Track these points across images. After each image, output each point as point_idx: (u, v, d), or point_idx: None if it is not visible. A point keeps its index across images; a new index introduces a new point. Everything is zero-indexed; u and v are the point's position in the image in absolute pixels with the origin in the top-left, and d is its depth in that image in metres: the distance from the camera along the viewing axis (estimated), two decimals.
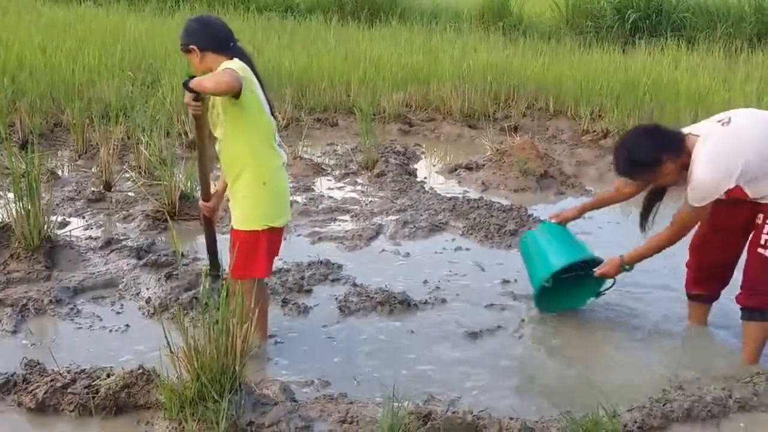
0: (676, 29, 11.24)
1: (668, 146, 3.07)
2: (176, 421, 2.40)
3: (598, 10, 11.62)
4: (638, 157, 3.11)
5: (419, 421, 2.45)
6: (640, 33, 11.11)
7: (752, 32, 10.87)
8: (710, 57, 9.47)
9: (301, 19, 11.75)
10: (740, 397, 2.84)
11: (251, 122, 2.85)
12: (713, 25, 11.02)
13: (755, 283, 3.12)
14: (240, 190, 2.92)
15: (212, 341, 2.37)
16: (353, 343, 3.32)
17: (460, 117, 7.71)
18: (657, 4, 11.42)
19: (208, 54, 2.86)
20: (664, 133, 3.14)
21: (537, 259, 3.63)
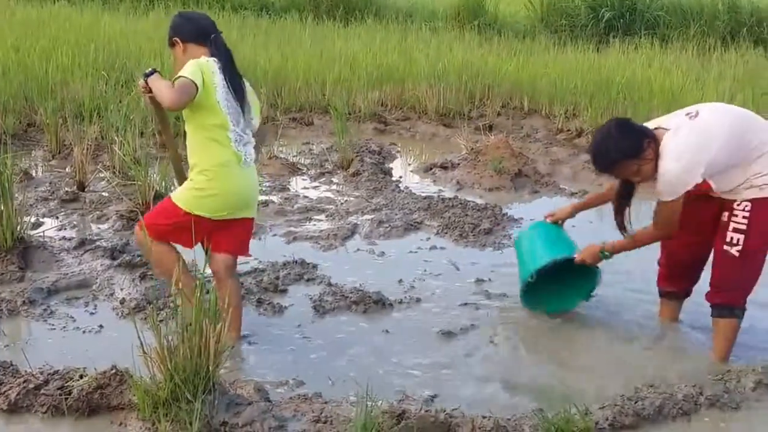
0: (650, 28, 11.36)
1: (647, 132, 3.07)
2: (149, 421, 2.40)
3: (573, 9, 11.70)
4: (622, 147, 3.05)
5: (393, 420, 2.46)
6: (615, 32, 11.22)
7: (725, 31, 11.03)
8: (684, 55, 9.58)
9: (276, 18, 11.70)
10: (711, 394, 2.88)
11: (201, 119, 2.96)
12: (687, 24, 11.15)
13: (723, 280, 3.16)
14: (191, 177, 3.06)
15: (185, 341, 2.37)
16: (328, 342, 3.32)
17: (436, 116, 7.74)
18: (631, 2, 11.53)
19: (189, 45, 3.02)
20: (640, 127, 3.13)
21: (527, 257, 3.64)
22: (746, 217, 3.04)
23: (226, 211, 3.05)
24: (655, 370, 3.17)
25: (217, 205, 3.02)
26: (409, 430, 2.44)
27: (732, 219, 3.07)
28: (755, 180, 3.01)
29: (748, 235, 3.04)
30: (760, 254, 3.13)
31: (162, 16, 10.52)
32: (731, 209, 3.08)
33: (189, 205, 3.01)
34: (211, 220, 3.04)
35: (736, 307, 3.18)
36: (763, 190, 3.01)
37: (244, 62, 8.01)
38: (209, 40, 3.02)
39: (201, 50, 3.00)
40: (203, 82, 2.88)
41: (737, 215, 3.05)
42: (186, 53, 3.01)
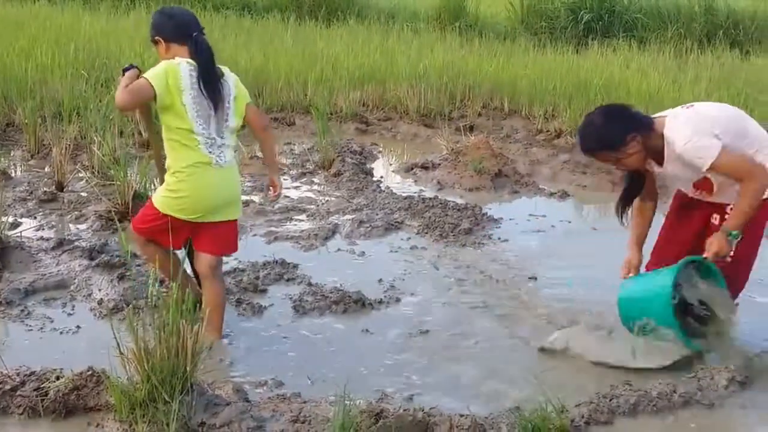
0: (628, 30, 11.50)
1: (637, 125, 3.00)
2: (127, 422, 2.39)
3: (553, 11, 11.82)
4: (605, 135, 3.02)
5: (371, 419, 2.47)
6: (593, 33, 11.35)
7: (702, 33, 11.18)
8: (661, 57, 9.70)
9: (259, 17, 11.67)
10: (684, 391, 2.90)
11: (168, 121, 2.98)
12: (664, 26, 11.30)
13: None
14: (165, 178, 3.09)
15: (162, 342, 2.36)
16: (307, 342, 3.33)
17: (417, 116, 7.77)
18: (610, 5, 11.67)
19: (172, 45, 2.99)
20: (632, 114, 3.07)
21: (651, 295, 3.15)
22: None
23: (200, 213, 3.05)
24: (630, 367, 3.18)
25: (189, 207, 3.02)
26: (387, 430, 2.44)
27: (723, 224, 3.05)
28: None
29: (740, 240, 3.01)
30: (750, 259, 3.15)
31: (143, 15, 10.44)
32: (723, 213, 3.09)
33: (162, 206, 3.04)
34: (189, 221, 3.05)
35: None
36: None
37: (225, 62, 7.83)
38: (190, 39, 2.98)
39: (182, 49, 2.98)
40: (167, 85, 2.87)
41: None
42: (169, 52, 2.99)
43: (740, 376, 3.00)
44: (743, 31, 11.32)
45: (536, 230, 4.96)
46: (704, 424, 2.80)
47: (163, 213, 3.02)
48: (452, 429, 2.53)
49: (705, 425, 2.79)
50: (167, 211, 3.01)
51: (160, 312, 2.44)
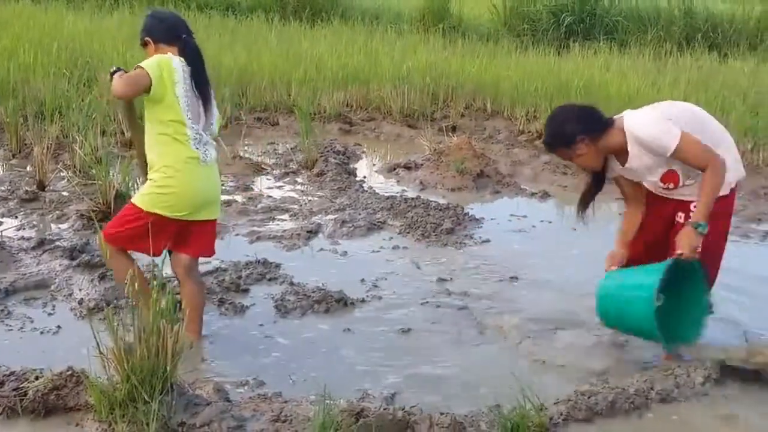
0: (609, 33, 11.59)
1: (588, 127, 3.08)
2: (106, 422, 2.38)
3: (535, 13, 11.90)
4: (557, 132, 3.15)
5: (351, 418, 2.47)
6: (575, 36, 11.43)
7: (681, 36, 11.30)
8: (641, 60, 9.80)
9: (243, 18, 11.64)
10: (661, 389, 2.94)
11: (158, 114, 2.96)
12: (644, 29, 11.41)
13: None
14: (150, 175, 3.05)
15: (143, 342, 2.36)
16: (289, 342, 3.34)
17: (400, 117, 7.80)
18: (591, 8, 11.76)
19: (161, 46, 3.02)
20: (590, 114, 3.15)
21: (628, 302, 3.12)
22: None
23: (187, 211, 3.03)
24: (608, 365, 3.24)
25: (178, 203, 3.00)
26: (367, 428, 2.45)
27: (687, 221, 3.09)
28: None
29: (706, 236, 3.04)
30: (715, 254, 3.18)
31: (126, 15, 10.41)
32: (687, 210, 3.13)
33: (148, 204, 2.99)
34: (173, 221, 3.03)
35: None
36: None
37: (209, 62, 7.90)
38: (179, 40, 3.02)
39: (171, 50, 3.01)
40: (161, 76, 2.89)
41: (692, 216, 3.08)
42: (157, 53, 3.01)
43: (716, 374, 3.04)
44: (722, 35, 11.44)
45: (517, 230, 5.00)
46: (681, 420, 2.83)
47: (147, 212, 2.98)
48: (432, 427, 2.54)
49: (682, 422, 2.83)
50: (153, 209, 2.98)
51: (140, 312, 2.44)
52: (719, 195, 3.02)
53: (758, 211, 5.50)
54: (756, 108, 7.18)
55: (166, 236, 3.06)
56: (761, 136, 6.65)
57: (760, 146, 6.56)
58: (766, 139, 6.62)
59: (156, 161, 3.01)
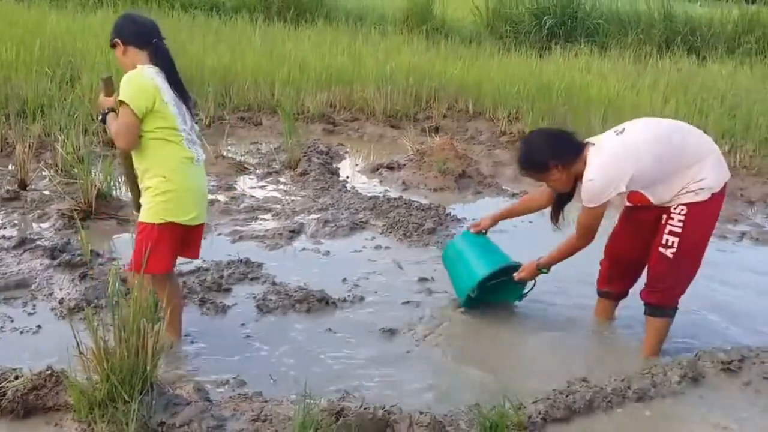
0: (590, 35, 11.72)
1: (561, 155, 3.24)
2: (86, 422, 2.38)
3: (517, 16, 11.99)
4: (531, 158, 3.31)
5: (332, 418, 2.48)
6: (556, 38, 11.55)
7: (661, 39, 11.45)
8: (621, 62, 9.90)
9: (227, 18, 11.61)
10: (638, 388, 2.98)
11: (151, 124, 2.92)
12: (625, 32, 11.55)
13: (657, 280, 3.26)
14: (146, 184, 2.99)
15: (122, 342, 2.36)
16: (270, 341, 3.34)
17: (383, 117, 7.83)
18: (572, 11, 11.88)
19: (129, 48, 2.96)
20: (564, 141, 3.30)
21: (460, 269, 3.75)
22: (682, 220, 3.15)
23: (194, 212, 3.01)
24: (587, 364, 3.28)
25: (183, 205, 2.97)
26: (347, 428, 2.46)
27: (669, 222, 3.18)
28: (691, 186, 3.12)
29: (682, 237, 3.15)
30: (693, 257, 3.24)
31: (110, 14, 10.32)
32: (669, 212, 3.19)
33: (158, 214, 2.94)
34: (182, 228, 3.00)
35: (668, 308, 3.31)
36: (698, 195, 3.12)
37: (192, 61, 7.98)
38: (150, 45, 2.97)
39: (140, 54, 2.95)
40: (145, 103, 2.86)
41: (674, 218, 3.17)
42: (126, 55, 2.96)
43: (692, 373, 3.09)
44: (700, 38, 11.60)
45: (498, 231, 4.98)
46: (657, 419, 2.87)
47: (158, 225, 2.93)
48: (412, 426, 2.56)
49: (658, 421, 2.87)
50: (163, 219, 2.93)
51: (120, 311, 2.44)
52: (697, 200, 3.12)
53: (735, 212, 5.59)
54: (733, 110, 7.28)
55: (178, 246, 3.06)
56: (738, 138, 6.75)
57: (737, 148, 6.65)
58: (743, 141, 6.72)
59: (150, 167, 2.95)
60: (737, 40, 11.54)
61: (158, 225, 2.94)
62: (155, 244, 2.92)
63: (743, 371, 3.13)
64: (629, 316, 3.64)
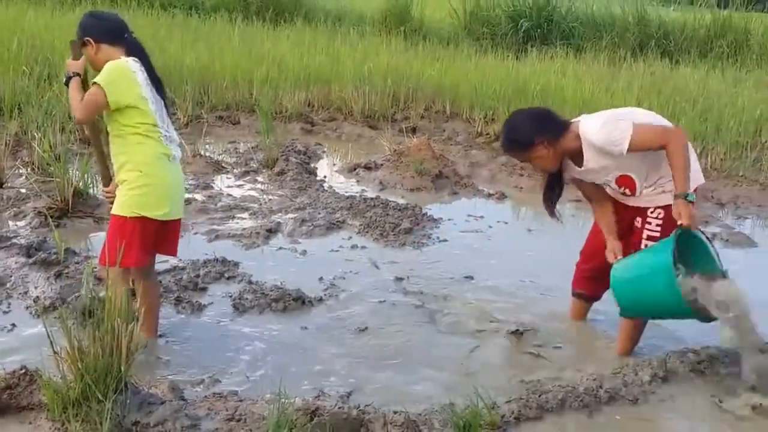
0: (566, 38, 11.83)
1: (546, 130, 3.15)
2: (59, 422, 2.37)
3: (494, 18, 12.08)
4: (516, 136, 3.21)
5: (306, 417, 2.49)
6: (532, 41, 11.65)
7: (635, 42, 11.59)
8: (596, 65, 10.01)
9: (206, 17, 11.58)
10: (610, 387, 3.00)
11: (130, 118, 2.91)
12: (599, 35, 11.67)
13: None
14: (121, 177, 2.98)
15: (97, 341, 2.36)
16: (246, 340, 3.35)
17: (361, 117, 7.86)
18: (548, 14, 11.99)
19: (103, 46, 2.94)
20: (548, 117, 3.23)
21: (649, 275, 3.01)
22: (659, 224, 3.16)
23: (167, 208, 3.00)
24: (559, 364, 3.31)
25: (157, 200, 2.97)
26: (322, 427, 2.47)
27: (645, 226, 3.19)
28: (667, 184, 3.11)
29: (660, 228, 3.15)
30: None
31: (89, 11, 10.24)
32: (645, 216, 3.21)
33: (131, 207, 2.93)
34: (156, 223, 3.00)
35: None
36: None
37: (171, 60, 7.95)
38: (123, 40, 2.97)
39: (115, 50, 2.94)
40: (120, 88, 2.85)
41: (650, 222, 3.18)
42: (99, 53, 2.94)
43: (662, 373, 3.13)
44: (673, 42, 11.77)
45: (474, 230, 5.08)
46: (628, 418, 2.90)
47: (131, 218, 2.93)
48: (386, 426, 2.57)
49: (629, 419, 2.90)
50: (136, 212, 2.93)
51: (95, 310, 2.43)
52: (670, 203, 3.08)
53: (706, 213, 5.67)
54: (705, 113, 7.38)
55: (151, 240, 3.04)
56: (710, 141, 6.87)
57: (708, 151, 6.77)
58: (714, 144, 6.83)
59: (127, 161, 2.95)
60: (709, 44, 11.72)
61: (130, 218, 2.94)
62: (128, 238, 2.91)
63: (713, 371, 3.17)
64: (602, 316, 3.69)
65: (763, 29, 11.78)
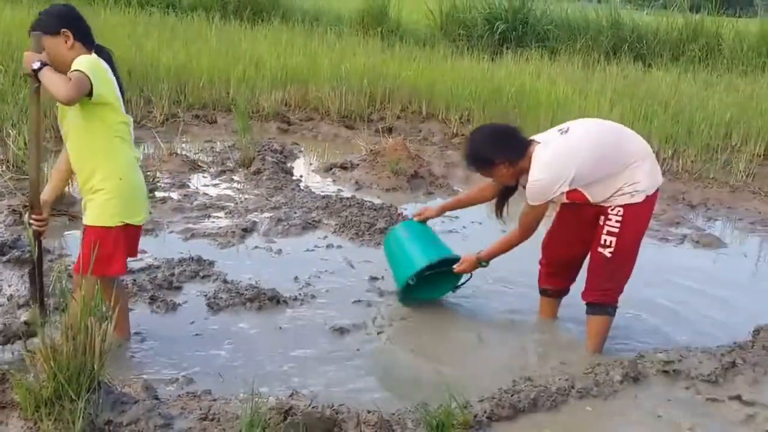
0: (541, 41, 11.96)
1: (507, 152, 3.34)
2: (32, 420, 2.35)
3: (470, 20, 12.17)
4: (478, 154, 3.41)
5: (280, 416, 2.48)
6: (508, 43, 11.76)
7: (608, 45, 11.76)
8: (570, 67, 10.12)
9: (183, 16, 11.52)
10: (582, 386, 3.04)
11: (106, 117, 2.83)
12: (574, 38, 11.80)
13: (597, 280, 3.36)
14: (95, 186, 2.88)
15: (70, 339, 2.34)
16: (221, 339, 3.34)
17: (338, 117, 7.88)
18: (523, 16, 12.11)
19: (77, 44, 2.83)
20: (510, 138, 3.39)
21: (401, 258, 3.83)
22: (619, 221, 3.26)
23: (145, 211, 3.00)
24: (533, 363, 3.37)
25: (136, 206, 2.95)
26: (295, 427, 2.46)
27: (606, 223, 3.29)
28: (626, 188, 3.24)
29: (619, 237, 3.26)
30: (631, 256, 3.35)
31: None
32: (606, 213, 3.30)
33: (114, 217, 2.87)
34: (136, 228, 2.98)
35: (609, 306, 3.41)
36: (633, 197, 3.24)
37: (147, 58, 7.90)
38: (92, 44, 2.87)
39: (86, 52, 2.83)
40: (103, 78, 2.76)
41: (611, 219, 3.27)
42: (72, 49, 2.81)
43: (633, 373, 3.17)
44: (646, 45, 11.94)
45: (449, 231, 5.11)
46: (599, 418, 2.94)
47: (117, 228, 2.87)
48: (359, 425, 2.57)
49: (601, 418, 2.94)
50: (124, 219, 2.88)
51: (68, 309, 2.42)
52: (632, 202, 3.24)
53: (676, 215, 5.78)
54: (677, 116, 7.50)
55: (130, 246, 3.01)
56: (681, 144, 6.98)
57: (679, 153, 6.89)
58: (685, 147, 6.95)
59: (98, 168, 2.85)
60: (681, 48, 11.90)
61: (115, 228, 2.89)
62: (113, 248, 2.87)
63: (682, 371, 3.22)
64: (572, 315, 3.73)
65: (733, 34, 11.98)
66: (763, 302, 4.22)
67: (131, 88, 7.57)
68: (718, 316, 4.01)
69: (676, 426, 2.89)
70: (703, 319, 3.97)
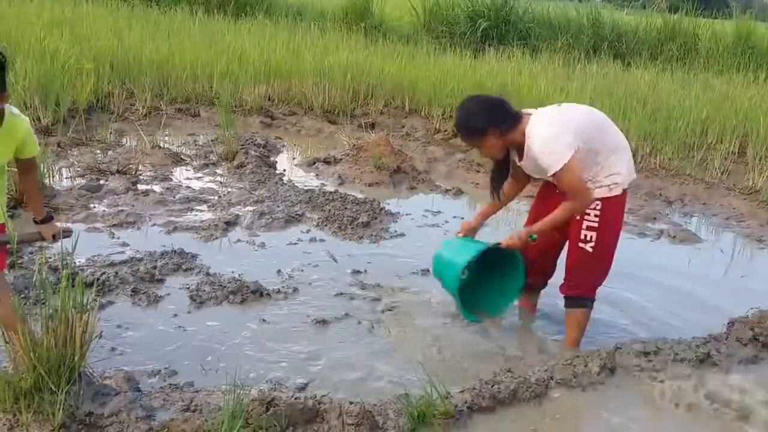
0: (522, 39, 12.02)
1: (498, 121, 3.21)
2: (11, 413, 2.34)
3: (453, 17, 12.21)
4: (469, 123, 3.26)
5: (262, 407, 2.50)
6: (490, 40, 11.82)
7: (589, 44, 11.86)
8: (551, 65, 10.18)
9: (167, 9, 11.46)
10: (561, 378, 3.08)
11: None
12: (555, 36, 11.90)
13: (576, 274, 3.38)
14: None
15: (50, 332, 2.34)
16: (203, 332, 3.35)
17: (321, 112, 7.88)
18: (505, 14, 12.16)
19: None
20: (500, 108, 3.27)
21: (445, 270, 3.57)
22: (597, 215, 3.26)
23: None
24: (512, 355, 3.40)
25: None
26: (277, 418, 2.48)
27: (585, 217, 3.28)
28: (605, 180, 3.23)
29: (599, 231, 3.27)
30: (610, 250, 3.36)
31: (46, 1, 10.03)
32: None
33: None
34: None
35: (587, 299, 3.43)
36: (612, 190, 3.25)
37: (130, 51, 7.84)
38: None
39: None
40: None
41: (589, 213, 3.27)
42: None
43: (611, 364, 3.20)
44: (626, 44, 12.06)
45: (431, 225, 5.14)
46: (578, 407, 2.99)
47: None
48: (341, 416, 2.59)
49: (579, 408, 2.99)
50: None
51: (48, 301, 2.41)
52: (610, 195, 3.23)
53: (654, 210, 5.85)
54: (655, 114, 7.58)
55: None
56: (658, 141, 7.07)
57: (657, 150, 6.97)
58: (663, 144, 7.03)
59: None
60: (660, 47, 12.04)
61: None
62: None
63: (658, 363, 3.26)
64: (551, 308, 3.78)
65: (710, 34, 12.14)
66: (737, 296, 4.28)
67: (113, 81, 7.52)
68: (693, 309, 4.08)
69: (653, 415, 2.94)
70: (679, 312, 4.03)
